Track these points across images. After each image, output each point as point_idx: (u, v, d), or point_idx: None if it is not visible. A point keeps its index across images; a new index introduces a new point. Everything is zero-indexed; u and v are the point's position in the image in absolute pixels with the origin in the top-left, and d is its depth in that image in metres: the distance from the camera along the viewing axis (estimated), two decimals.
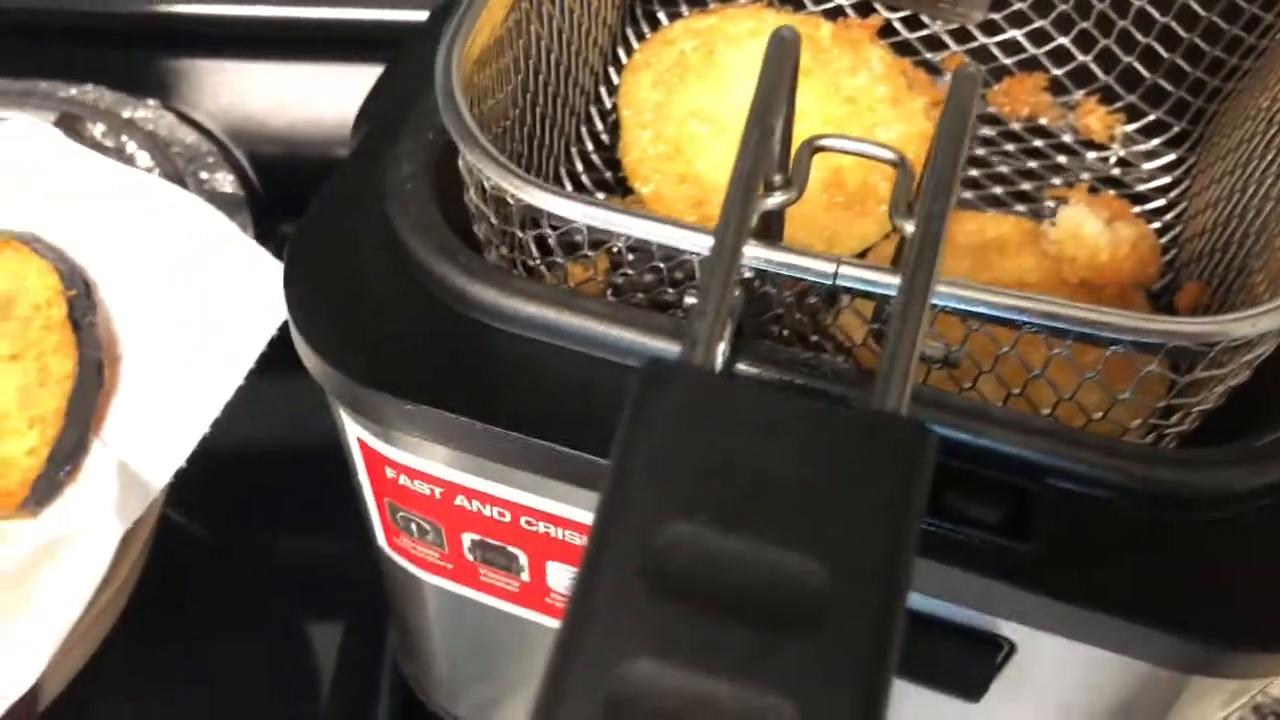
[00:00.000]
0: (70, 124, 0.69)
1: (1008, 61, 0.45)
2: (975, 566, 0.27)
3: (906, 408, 0.18)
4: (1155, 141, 0.44)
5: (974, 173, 0.43)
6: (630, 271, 0.30)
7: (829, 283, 0.27)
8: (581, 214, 0.28)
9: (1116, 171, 0.44)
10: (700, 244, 0.28)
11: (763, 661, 0.16)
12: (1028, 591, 0.27)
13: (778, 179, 0.27)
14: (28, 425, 0.42)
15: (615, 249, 0.30)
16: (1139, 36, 0.42)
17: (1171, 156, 0.43)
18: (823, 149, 0.27)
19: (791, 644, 0.16)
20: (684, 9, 0.46)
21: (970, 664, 0.30)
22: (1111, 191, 0.42)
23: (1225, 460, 0.28)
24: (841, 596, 0.16)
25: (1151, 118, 0.44)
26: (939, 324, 0.29)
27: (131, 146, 0.68)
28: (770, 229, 0.28)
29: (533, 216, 0.30)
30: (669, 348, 0.30)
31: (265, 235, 0.64)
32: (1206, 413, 0.31)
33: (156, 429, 0.41)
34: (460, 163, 0.32)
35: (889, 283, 0.26)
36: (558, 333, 0.30)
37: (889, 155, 0.27)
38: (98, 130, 0.68)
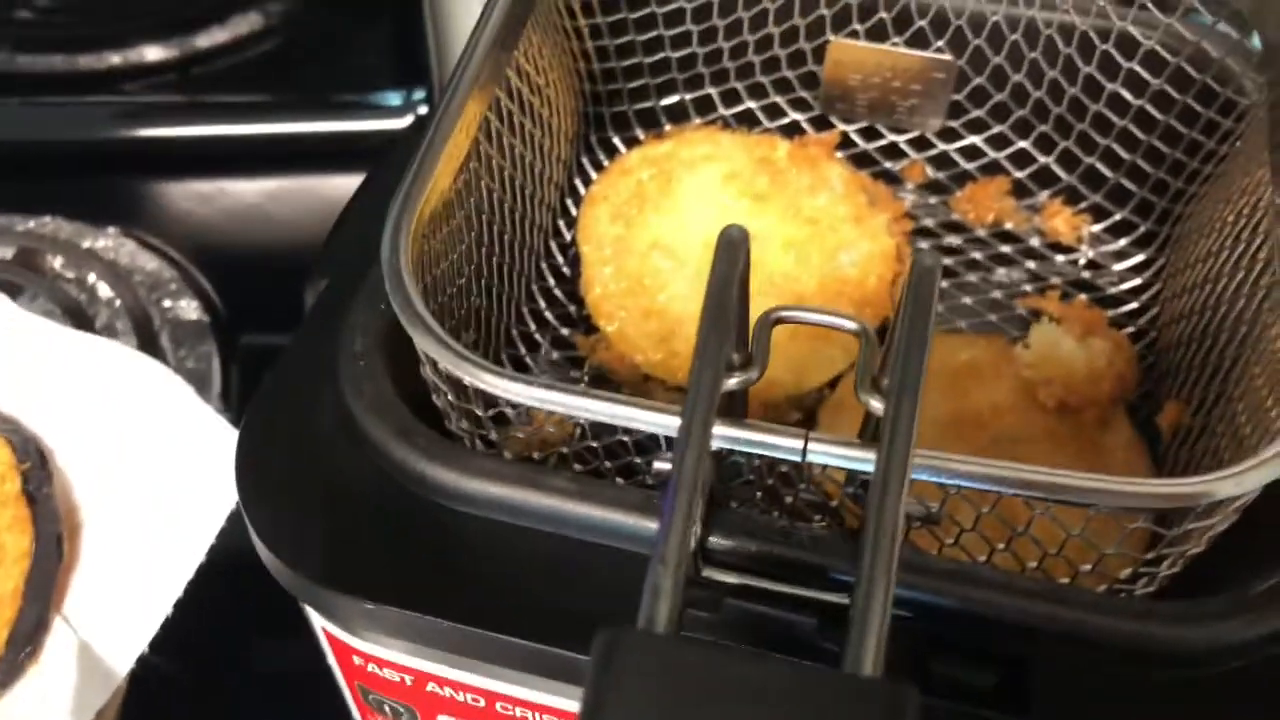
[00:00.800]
0: (29, 258, 0.68)
1: (969, 167, 0.45)
2: None
3: (881, 669, 0.17)
4: (1123, 241, 0.43)
5: (943, 284, 0.43)
6: (594, 443, 0.29)
7: (798, 459, 0.26)
8: (539, 398, 0.27)
9: (1087, 274, 0.43)
10: (662, 424, 0.27)
11: None
12: None
13: (736, 358, 0.26)
14: None
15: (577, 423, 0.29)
16: (1098, 138, 0.42)
17: (1141, 257, 0.43)
18: (782, 321, 0.26)
19: None
20: (639, 133, 0.46)
21: None
22: (1084, 296, 0.42)
23: (1221, 612, 0.27)
24: None
25: (1118, 217, 0.43)
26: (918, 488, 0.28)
27: (92, 277, 0.67)
28: (733, 405, 0.27)
29: (490, 395, 0.29)
30: (638, 524, 0.29)
31: (229, 357, 0.63)
32: (1190, 557, 0.30)
33: (119, 605, 0.40)
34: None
35: (860, 457, 0.26)
36: (524, 513, 0.29)
37: (851, 326, 0.26)
38: (57, 262, 0.67)
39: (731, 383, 0.26)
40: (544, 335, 0.41)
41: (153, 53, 0.79)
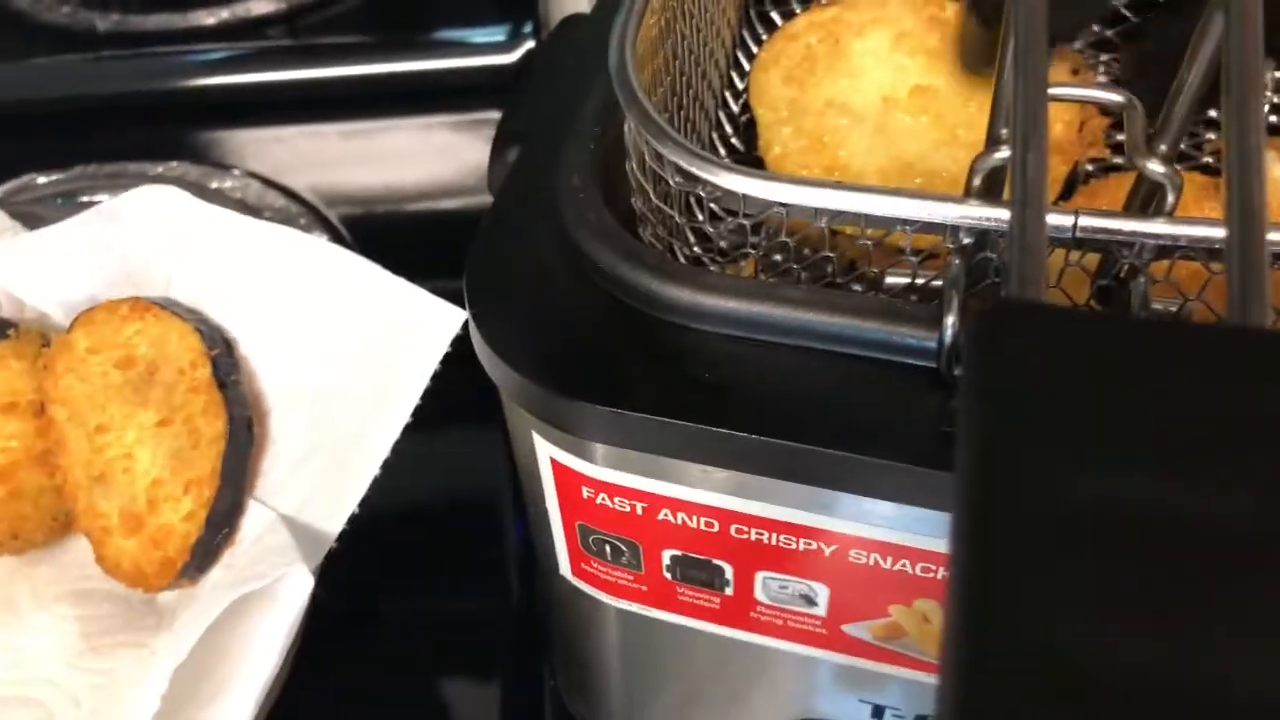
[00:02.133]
0: None
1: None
2: None
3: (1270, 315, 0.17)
4: None
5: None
6: (831, 254, 0.29)
7: (1067, 237, 0.25)
8: (785, 194, 0.27)
9: (1275, 119, 0.42)
10: (913, 210, 0.26)
11: (1233, 617, 0.14)
12: None
13: (1003, 133, 0.25)
14: (183, 490, 0.41)
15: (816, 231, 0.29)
16: None
17: None
18: (1056, 99, 0.26)
19: (1241, 590, 0.14)
20: (796, 7, 0.46)
21: None
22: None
23: None
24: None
25: None
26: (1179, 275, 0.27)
27: None
28: (991, 189, 0.26)
29: (725, 208, 0.29)
30: (875, 328, 0.28)
31: None
32: None
33: (318, 482, 0.40)
34: (631, 166, 0.31)
35: (1133, 228, 0.25)
36: (758, 326, 0.29)
37: (1119, 99, 0.25)
38: None
39: (996, 157, 0.25)
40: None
41: (260, 6, 0.80)
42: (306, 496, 0.40)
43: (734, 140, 0.43)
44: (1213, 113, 0.42)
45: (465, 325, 0.34)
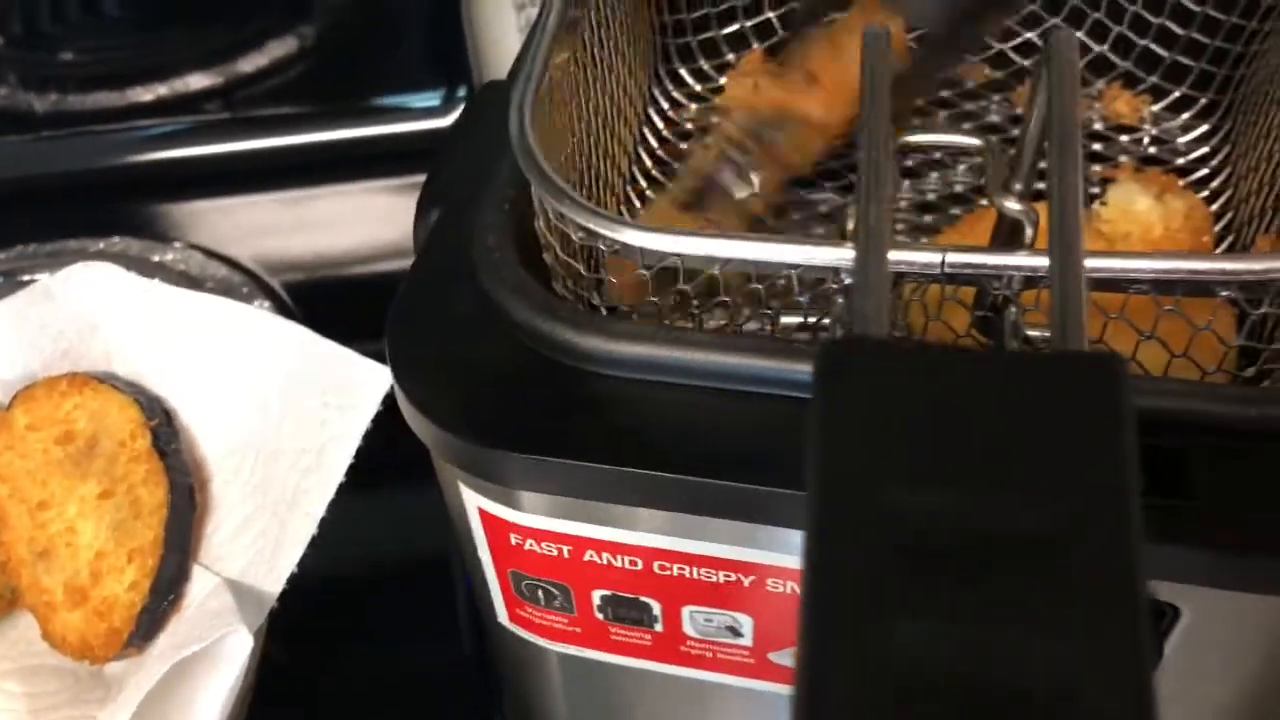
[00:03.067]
0: None
1: (1026, 63, 0.46)
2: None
3: (1086, 344, 0.19)
4: (1185, 116, 0.45)
5: None
6: (726, 300, 0.31)
7: (936, 273, 0.27)
8: (679, 245, 0.29)
9: (1153, 150, 0.45)
10: (797, 256, 0.28)
11: (1028, 603, 0.16)
12: (1203, 549, 0.27)
13: None
14: (127, 560, 0.42)
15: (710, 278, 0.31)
16: (1150, 18, 0.44)
17: (1205, 127, 0.44)
18: (908, 148, 0.28)
19: (1050, 583, 0.16)
20: (704, 63, 0.48)
21: None
22: (1155, 169, 0.43)
23: None
24: (1085, 533, 0.16)
25: (1177, 94, 0.45)
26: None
27: None
28: None
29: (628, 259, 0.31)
30: (779, 368, 0.30)
31: None
32: None
33: (258, 544, 0.41)
34: (540, 224, 0.33)
35: (998, 262, 0.27)
36: (669, 370, 0.31)
37: (975, 143, 0.28)
38: None
39: None
40: None
41: (197, 81, 0.81)
42: (248, 559, 0.41)
43: (649, 193, 0.45)
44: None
45: None
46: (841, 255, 0.28)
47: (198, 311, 0.45)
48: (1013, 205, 0.26)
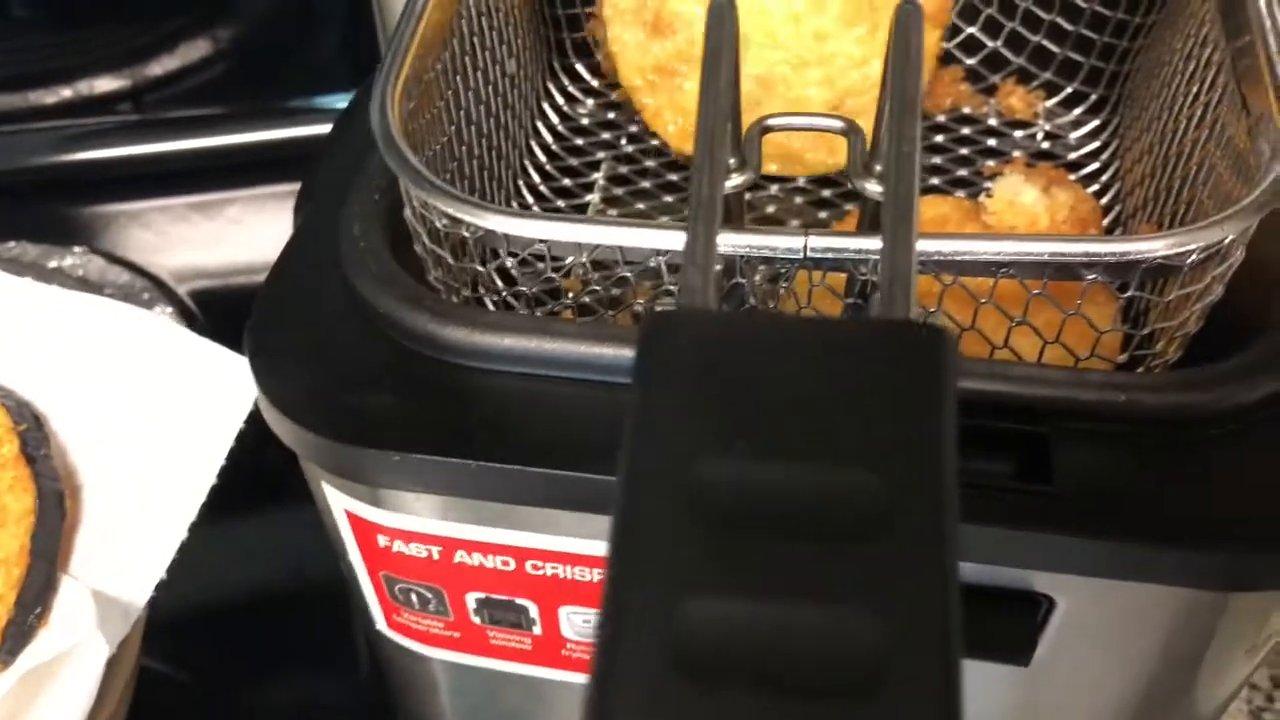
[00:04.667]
0: None
1: None
2: (1005, 519, 0.26)
3: (914, 311, 0.18)
4: (1078, 111, 0.45)
5: None
6: (597, 288, 0.30)
7: (799, 257, 0.27)
8: (543, 231, 0.28)
9: (1046, 145, 0.45)
10: (666, 240, 0.27)
11: (834, 580, 0.15)
12: (1064, 535, 0.26)
13: (731, 161, 0.27)
14: None
15: (579, 267, 0.30)
16: (1042, 15, 0.44)
17: (1096, 122, 0.45)
18: (771, 129, 0.27)
19: (858, 558, 0.15)
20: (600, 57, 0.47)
21: (1012, 626, 0.29)
22: (1045, 163, 0.43)
23: (1229, 375, 0.28)
24: (897, 501, 0.15)
25: (1069, 90, 0.45)
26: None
27: None
28: (730, 215, 0.28)
29: (491, 248, 0.30)
30: None
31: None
32: (1188, 337, 0.31)
33: (128, 553, 0.39)
34: (408, 212, 0.32)
35: (861, 246, 0.26)
36: (536, 361, 0.30)
37: (838, 125, 0.27)
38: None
39: (728, 185, 0.26)
40: None
41: (104, 84, 0.79)
42: (116, 569, 0.39)
43: (542, 188, 0.44)
44: (966, 130, 0.45)
45: None
46: (720, 240, 0.27)
47: (70, 312, 0.43)
48: (872, 187, 0.25)
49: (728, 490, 0.16)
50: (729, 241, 0.27)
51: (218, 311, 0.67)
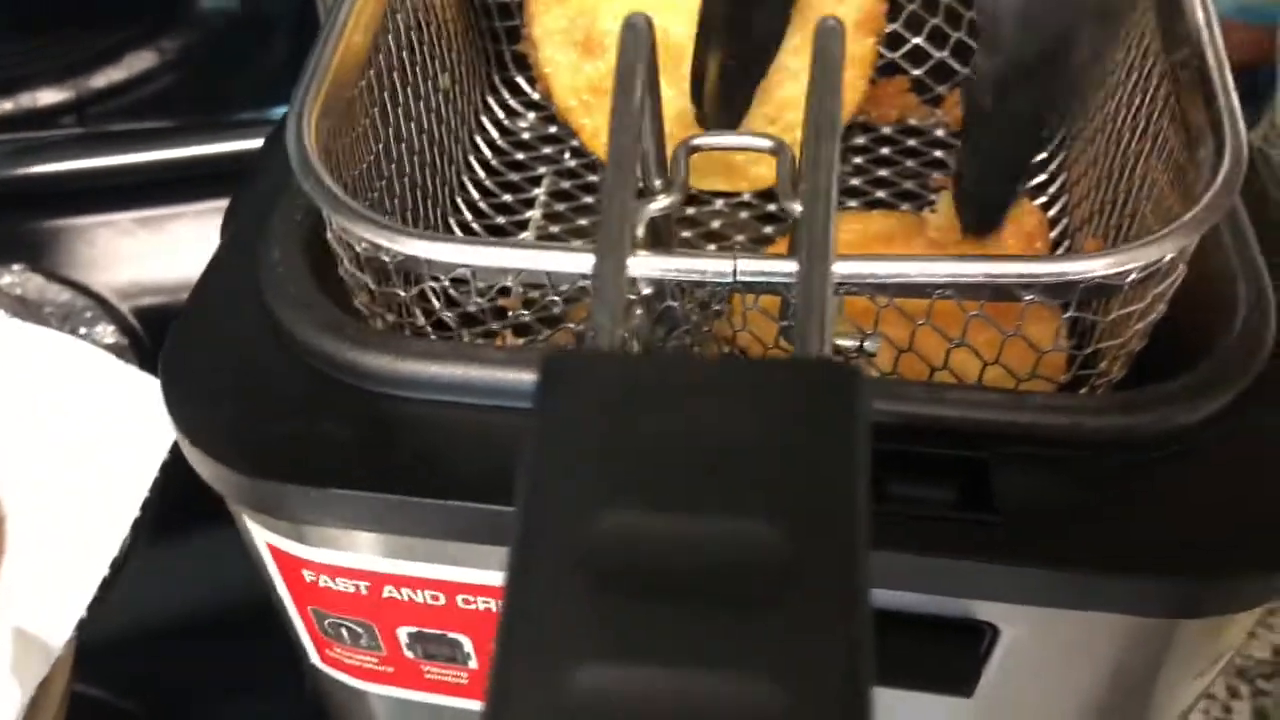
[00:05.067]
0: None
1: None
2: (944, 549, 0.26)
3: (830, 351, 0.17)
4: None
5: (855, 181, 0.43)
6: (525, 313, 0.29)
7: (728, 281, 0.26)
8: (460, 255, 0.27)
9: None
10: (588, 265, 0.26)
11: (731, 644, 0.14)
12: (1006, 564, 0.25)
13: (657, 183, 0.26)
14: None
15: (503, 291, 0.29)
16: None
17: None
18: (699, 149, 0.26)
19: (759, 619, 0.14)
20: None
21: (954, 657, 0.28)
22: None
23: (1172, 396, 0.28)
24: (801, 557, 0.15)
25: None
26: (850, 313, 0.28)
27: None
28: (659, 238, 0.27)
29: (414, 273, 0.29)
30: None
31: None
32: (1132, 356, 0.30)
33: (50, 585, 0.38)
34: (330, 235, 0.31)
35: (791, 269, 0.25)
36: (461, 389, 0.29)
37: (766, 145, 0.26)
38: None
39: (654, 207, 0.25)
40: None
41: (47, 96, 0.77)
42: (36, 605, 0.37)
43: (482, 205, 0.43)
44: (912, 141, 0.44)
45: None
46: (645, 265, 0.26)
47: None
48: (798, 208, 0.24)
49: (621, 547, 0.15)
50: (657, 266, 0.26)
51: (161, 330, 0.65)
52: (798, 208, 0.25)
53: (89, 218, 0.74)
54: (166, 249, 0.72)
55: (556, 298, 0.28)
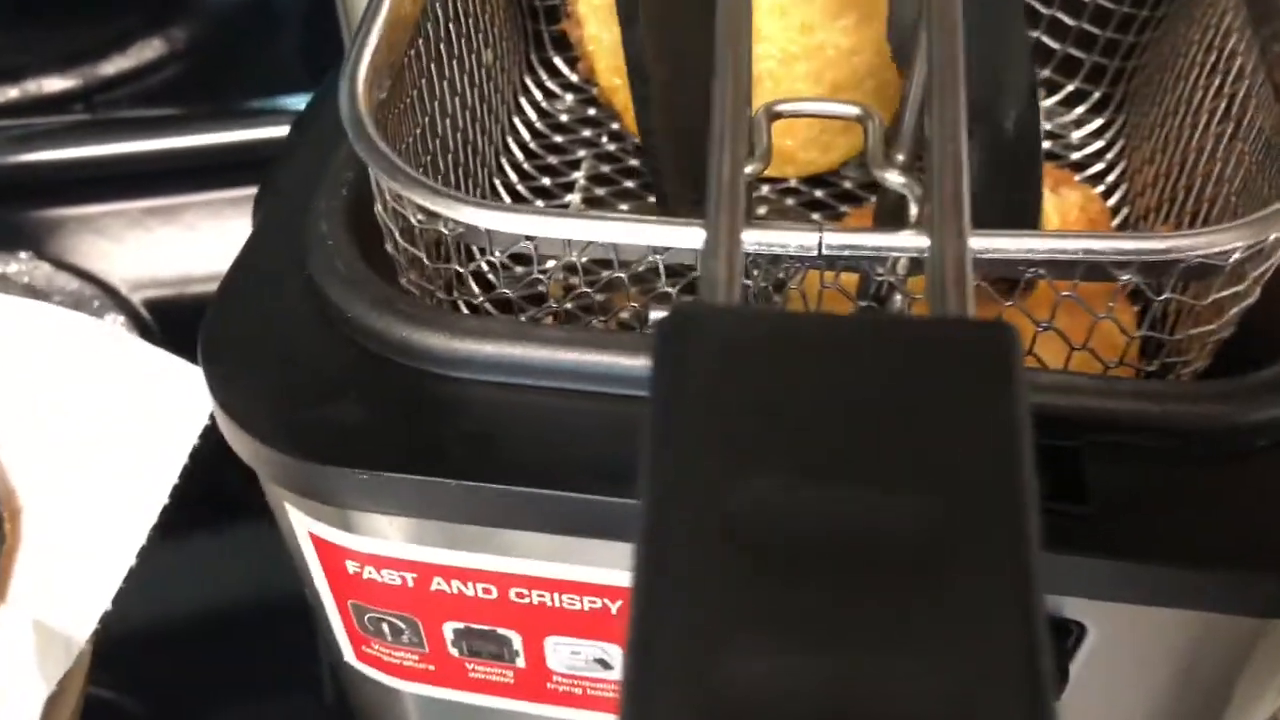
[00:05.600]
0: None
1: None
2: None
3: (969, 308, 0.16)
4: (1079, 110, 0.43)
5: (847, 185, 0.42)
6: (587, 289, 0.27)
7: (813, 255, 0.24)
8: (529, 226, 0.26)
9: (1048, 145, 0.43)
10: (662, 236, 0.25)
11: (899, 628, 0.12)
12: (1097, 557, 0.24)
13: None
14: None
15: (559, 271, 0.27)
16: (1042, 9, 0.42)
17: (1099, 121, 0.43)
18: (781, 115, 0.25)
19: (925, 599, 0.13)
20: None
21: None
22: (1049, 164, 0.41)
23: (1268, 385, 0.26)
24: (966, 529, 0.13)
25: (1070, 88, 0.43)
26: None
27: None
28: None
29: (470, 247, 0.27)
30: (637, 365, 0.27)
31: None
32: (1220, 343, 0.29)
33: (71, 581, 0.36)
34: (378, 208, 0.29)
35: (880, 243, 0.24)
36: (520, 369, 0.27)
37: (854, 111, 0.25)
38: None
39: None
40: None
41: (54, 84, 0.76)
42: (58, 599, 0.36)
43: (519, 187, 0.42)
44: None
45: None
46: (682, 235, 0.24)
47: (10, 320, 0.40)
48: (895, 178, 0.23)
49: (771, 519, 0.13)
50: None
51: (172, 321, 0.64)
52: (893, 178, 0.23)
53: (97, 206, 0.72)
54: (176, 238, 0.71)
55: (622, 275, 0.27)
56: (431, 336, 0.27)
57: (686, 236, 0.25)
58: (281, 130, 0.77)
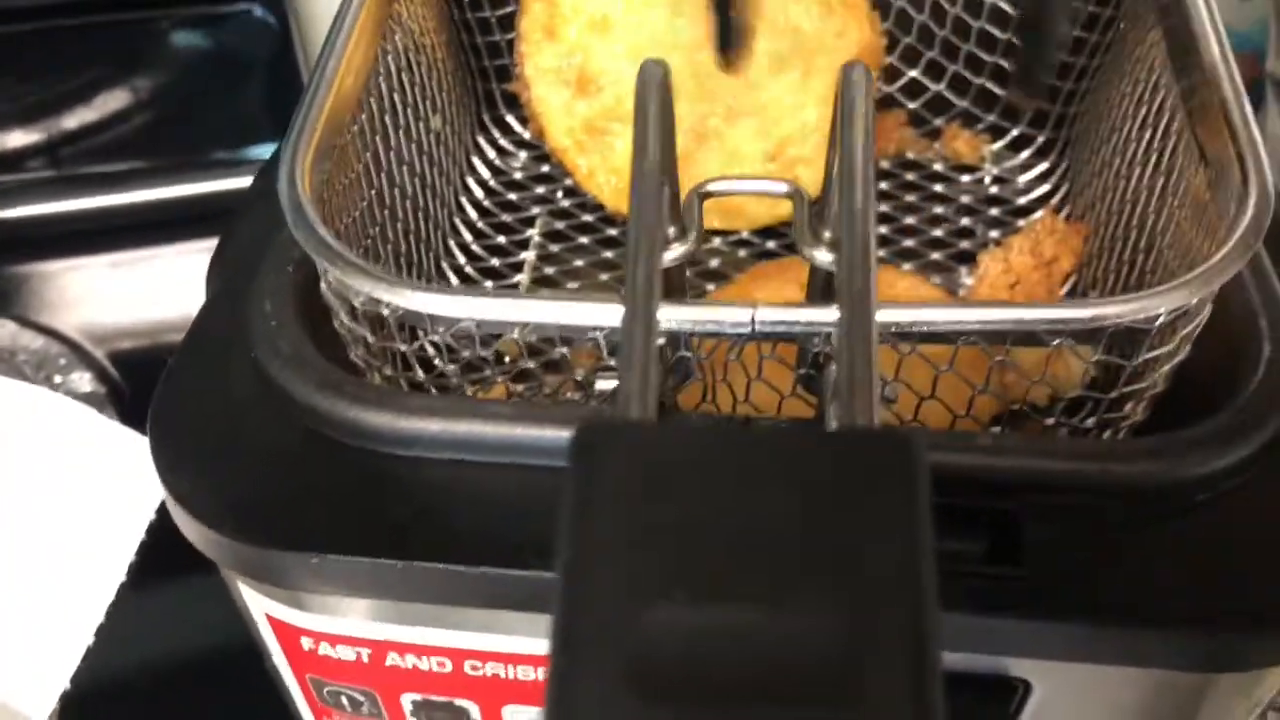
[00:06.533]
0: None
1: None
2: (972, 604, 0.24)
3: (876, 420, 0.16)
4: (1025, 154, 0.44)
5: None
6: (529, 363, 0.28)
7: (746, 332, 0.25)
8: (470, 309, 0.26)
9: (995, 189, 0.44)
10: (604, 316, 0.25)
11: None
12: (1034, 620, 0.24)
13: (670, 231, 0.25)
14: None
15: (503, 348, 0.28)
16: (984, 56, 0.43)
17: (1045, 165, 0.43)
18: (711, 194, 0.25)
19: None
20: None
21: (986, 714, 0.27)
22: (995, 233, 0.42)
23: (1204, 439, 0.27)
24: (867, 650, 0.13)
25: (1016, 132, 0.44)
26: None
27: None
28: (672, 286, 0.26)
29: (413, 326, 0.28)
30: None
31: (130, 426, 0.60)
32: (1155, 399, 0.29)
33: (32, 656, 0.36)
34: (324, 287, 0.29)
35: (811, 319, 0.24)
36: (467, 446, 0.28)
37: (781, 189, 0.25)
38: None
39: (669, 256, 0.24)
40: None
41: (15, 139, 0.75)
42: (15, 677, 0.35)
43: (474, 246, 0.42)
44: (911, 176, 0.43)
45: None
46: (663, 315, 0.25)
47: None
48: (822, 255, 0.23)
49: (673, 646, 0.13)
50: (672, 316, 0.25)
51: (139, 376, 0.64)
52: (820, 256, 0.24)
53: (62, 262, 0.72)
54: (142, 292, 0.71)
55: (565, 351, 0.27)
56: (377, 416, 0.28)
57: (612, 315, 0.25)
58: (246, 181, 0.77)
